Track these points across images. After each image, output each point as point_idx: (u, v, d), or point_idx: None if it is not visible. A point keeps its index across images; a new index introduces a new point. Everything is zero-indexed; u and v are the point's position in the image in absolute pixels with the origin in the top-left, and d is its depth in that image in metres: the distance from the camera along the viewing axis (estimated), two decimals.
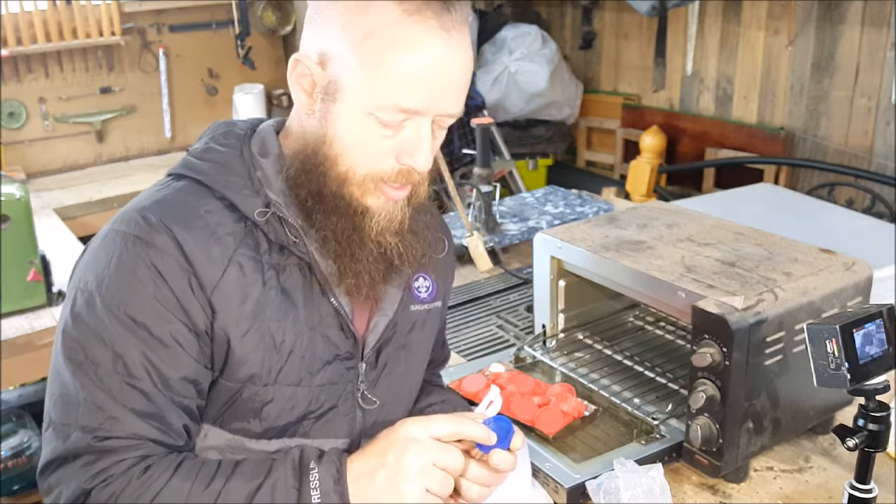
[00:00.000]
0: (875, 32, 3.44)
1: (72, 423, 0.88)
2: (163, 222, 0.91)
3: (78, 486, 0.87)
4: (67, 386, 0.90)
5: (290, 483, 0.88)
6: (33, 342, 2.07)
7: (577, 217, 2.27)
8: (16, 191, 2.06)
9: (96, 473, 0.87)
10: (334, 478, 0.88)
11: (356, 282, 0.98)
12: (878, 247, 1.78)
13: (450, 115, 0.94)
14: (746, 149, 4.03)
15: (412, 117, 0.91)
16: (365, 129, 0.91)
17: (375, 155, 0.93)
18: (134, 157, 4.04)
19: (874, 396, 0.98)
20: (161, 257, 0.90)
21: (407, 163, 0.93)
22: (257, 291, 0.94)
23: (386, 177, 0.94)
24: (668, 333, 1.61)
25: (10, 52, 3.50)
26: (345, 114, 0.92)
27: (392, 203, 0.97)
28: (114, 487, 0.86)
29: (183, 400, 0.92)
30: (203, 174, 0.96)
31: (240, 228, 0.94)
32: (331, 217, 0.96)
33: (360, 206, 0.95)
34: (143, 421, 0.89)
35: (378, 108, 0.89)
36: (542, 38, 4.56)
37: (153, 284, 0.89)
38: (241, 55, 4.09)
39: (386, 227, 0.97)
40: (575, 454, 1.26)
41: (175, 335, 0.90)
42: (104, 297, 0.90)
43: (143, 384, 0.89)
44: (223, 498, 0.87)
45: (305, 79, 0.94)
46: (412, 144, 0.92)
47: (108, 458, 0.88)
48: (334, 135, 0.93)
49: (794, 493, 1.22)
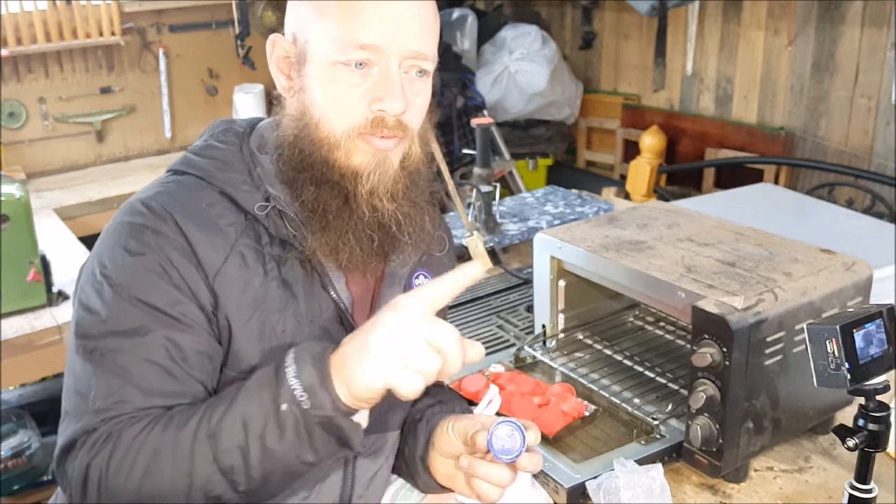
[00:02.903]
0: (875, 32, 3.44)
1: (84, 409, 0.88)
2: (165, 209, 0.92)
3: (81, 462, 0.86)
4: (80, 376, 0.90)
5: (267, 373, 0.85)
6: (33, 342, 2.07)
7: (577, 217, 2.27)
8: (16, 191, 2.06)
9: (93, 444, 0.86)
10: (310, 353, 0.84)
11: (349, 253, 0.96)
12: (878, 247, 1.77)
13: (416, 54, 0.93)
14: (746, 149, 4.03)
15: (377, 58, 0.91)
16: (334, 80, 0.92)
17: (347, 106, 0.93)
18: (134, 157, 4.05)
19: (874, 396, 0.98)
20: (167, 242, 0.91)
21: (378, 108, 0.93)
22: (258, 281, 0.94)
23: (362, 127, 0.93)
24: (668, 333, 1.61)
25: (10, 52, 3.50)
26: (314, 73, 0.94)
27: (382, 155, 0.95)
28: (108, 447, 0.85)
29: (201, 375, 0.92)
30: (203, 170, 0.97)
31: (241, 220, 0.95)
32: (322, 187, 0.95)
33: (348, 169, 0.95)
34: (156, 396, 0.88)
35: (338, 50, 0.91)
36: (542, 38, 4.56)
37: (162, 269, 0.90)
38: (241, 55, 4.09)
39: (377, 186, 0.95)
40: (575, 454, 1.26)
41: (187, 314, 0.90)
42: (115, 286, 0.90)
43: (160, 358, 0.89)
44: (207, 414, 0.85)
45: (284, 61, 0.97)
46: (381, 88, 0.92)
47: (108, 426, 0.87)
48: (310, 101, 0.95)
49: (794, 493, 1.22)
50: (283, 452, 0.83)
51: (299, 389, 0.82)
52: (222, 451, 0.83)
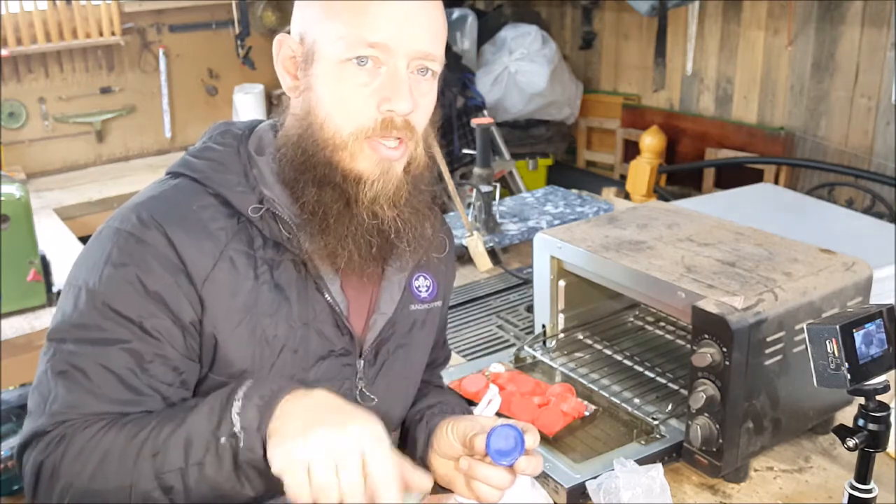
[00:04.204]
0: (875, 32, 3.44)
1: (42, 410, 0.90)
2: (154, 218, 0.92)
3: (34, 460, 0.88)
4: (44, 376, 0.91)
5: (219, 399, 0.85)
6: (33, 342, 2.07)
7: (577, 217, 2.27)
8: (16, 191, 2.06)
9: (48, 443, 0.88)
10: (261, 393, 0.84)
11: (347, 257, 0.95)
12: (878, 247, 1.77)
13: (424, 54, 0.93)
14: (746, 149, 4.03)
15: (385, 57, 0.91)
16: (342, 80, 0.92)
17: (355, 106, 0.92)
18: (134, 157, 4.05)
19: (874, 396, 0.98)
20: (150, 252, 0.91)
21: (387, 108, 0.92)
22: (248, 286, 0.94)
23: (370, 130, 0.93)
24: (668, 333, 1.61)
25: (10, 52, 3.51)
26: (322, 72, 0.93)
27: (387, 163, 0.95)
28: (61, 448, 0.87)
29: (161, 386, 0.92)
30: (199, 172, 0.97)
31: (232, 224, 0.95)
32: (324, 189, 0.95)
33: (351, 172, 0.94)
34: (108, 403, 0.89)
35: (347, 47, 0.91)
36: (542, 38, 4.56)
37: (139, 279, 0.90)
38: (241, 55, 4.09)
39: (380, 193, 0.95)
40: (575, 454, 1.26)
41: (158, 328, 0.91)
42: (91, 292, 0.91)
43: (118, 367, 0.89)
44: (157, 430, 0.85)
45: (290, 60, 0.97)
46: (389, 88, 0.92)
47: (59, 429, 0.88)
48: (317, 100, 0.94)
49: (794, 493, 1.22)
50: (222, 482, 0.83)
51: (237, 426, 0.82)
52: (164, 471, 0.84)
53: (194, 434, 0.84)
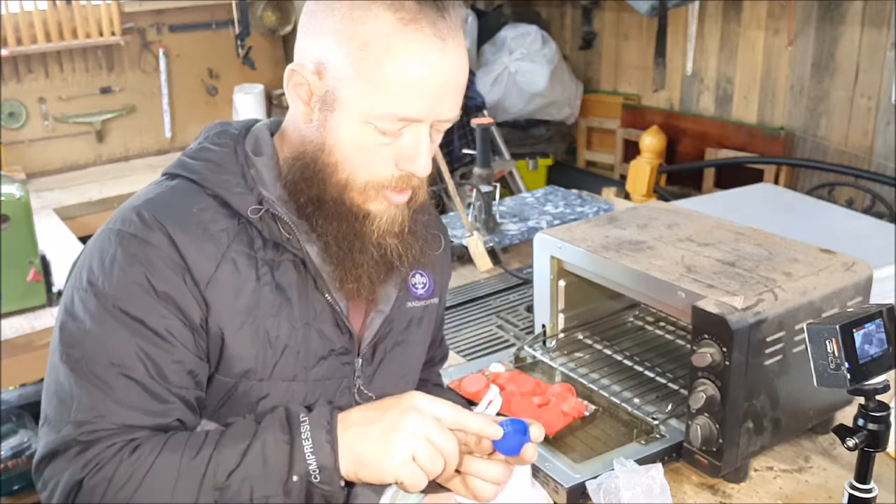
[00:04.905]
0: (875, 32, 3.44)
1: (65, 418, 0.89)
2: (156, 219, 0.92)
3: (71, 477, 0.87)
4: (62, 383, 0.90)
5: (279, 437, 0.88)
6: (33, 342, 2.07)
7: (577, 217, 2.27)
8: (16, 191, 2.06)
9: (87, 462, 0.87)
10: (325, 427, 0.89)
11: (357, 286, 0.99)
12: (878, 247, 1.77)
13: (447, 120, 0.95)
14: (746, 149, 4.03)
15: (410, 124, 0.92)
16: (364, 137, 0.92)
17: (375, 162, 0.93)
18: (134, 157, 4.04)
19: (874, 396, 0.98)
20: (155, 253, 0.91)
21: (407, 169, 0.94)
22: (251, 287, 0.94)
23: (386, 183, 0.95)
24: (668, 333, 1.61)
25: (10, 52, 3.50)
26: (343, 123, 0.92)
27: (394, 207, 0.97)
28: (106, 471, 0.86)
29: (181, 391, 0.92)
30: (196, 173, 0.97)
31: (233, 225, 0.95)
32: (332, 222, 0.97)
33: (361, 211, 0.96)
34: (137, 413, 0.89)
35: (376, 117, 0.90)
36: (542, 38, 4.56)
37: (147, 280, 0.90)
38: (241, 55, 4.09)
39: (387, 230, 0.98)
40: (575, 454, 1.26)
41: (170, 329, 0.91)
42: (100, 295, 0.90)
43: (139, 375, 0.89)
44: (214, 463, 0.87)
45: (302, 88, 0.94)
46: (411, 151, 0.93)
47: (98, 446, 0.88)
48: (333, 143, 0.94)
49: (794, 493, 1.22)
50: None
51: (314, 465, 0.87)
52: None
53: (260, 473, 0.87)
